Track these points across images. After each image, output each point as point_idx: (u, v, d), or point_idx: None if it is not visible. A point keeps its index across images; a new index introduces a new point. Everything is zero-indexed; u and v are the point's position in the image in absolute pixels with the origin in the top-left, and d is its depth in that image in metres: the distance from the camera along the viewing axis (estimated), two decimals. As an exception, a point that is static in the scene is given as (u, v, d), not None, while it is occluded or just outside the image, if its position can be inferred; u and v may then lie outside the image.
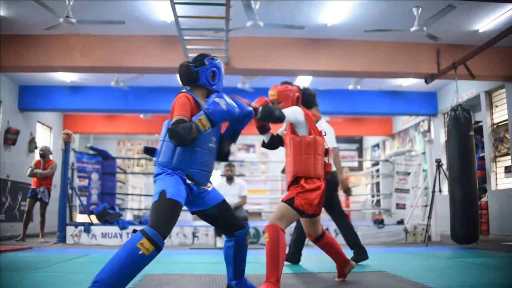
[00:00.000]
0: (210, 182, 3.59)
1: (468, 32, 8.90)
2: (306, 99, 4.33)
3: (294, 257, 6.04)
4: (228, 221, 3.59)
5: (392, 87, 12.58)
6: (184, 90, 3.57)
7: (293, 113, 3.97)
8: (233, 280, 3.61)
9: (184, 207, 3.38)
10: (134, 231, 3.00)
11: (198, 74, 3.58)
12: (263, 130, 4.14)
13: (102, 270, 2.86)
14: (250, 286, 3.65)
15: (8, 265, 5.57)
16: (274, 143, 4.27)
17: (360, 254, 5.86)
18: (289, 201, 3.86)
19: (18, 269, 5.19)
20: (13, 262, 5.96)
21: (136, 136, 19.16)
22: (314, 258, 6.54)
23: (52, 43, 9.05)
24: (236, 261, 3.60)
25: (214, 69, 3.65)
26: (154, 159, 3.43)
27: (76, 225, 9.29)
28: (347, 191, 6.30)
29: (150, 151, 3.57)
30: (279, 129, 4.31)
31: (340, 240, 6.06)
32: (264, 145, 4.30)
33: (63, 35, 8.93)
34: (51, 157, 10.26)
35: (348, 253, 4.95)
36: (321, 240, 4.29)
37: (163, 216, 3.07)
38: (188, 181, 3.33)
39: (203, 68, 3.60)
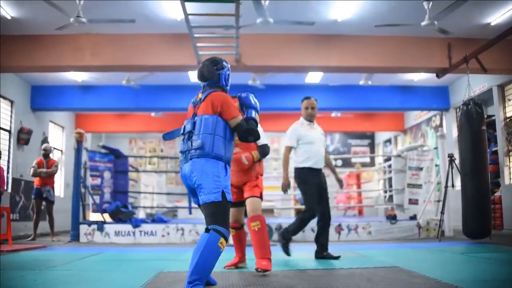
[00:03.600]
0: None
1: (479, 25, 8.83)
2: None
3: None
4: None
5: (403, 82, 12.52)
6: (217, 90, 3.93)
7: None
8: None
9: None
10: (207, 230, 3.43)
11: (219, 76, 4.05)
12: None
13: (193, 270, 3.29)
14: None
15: (23, 264, 5.63)
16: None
17: (284, 245, 5.96)
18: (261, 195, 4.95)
19: (33, 267, 5.23)
20: (27, 260, 6.01)
21: (148, 135, 19.23)
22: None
23: (62, 43, 9.09)
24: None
25: (229, 72, 4.18)
26: (194, 148, 3.61)
27: (90, 223, 9.35)
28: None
29: (170, 134, 4.05)
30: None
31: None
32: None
33: (74, 34, 8.98)
34: (51, 155, 10.25)
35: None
36: (241, 230, 5.15)
37: (227, 217, 3.53)
38: None
39: (223, 71, 4.10)
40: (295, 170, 6.17)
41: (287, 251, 5.94)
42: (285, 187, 6.09)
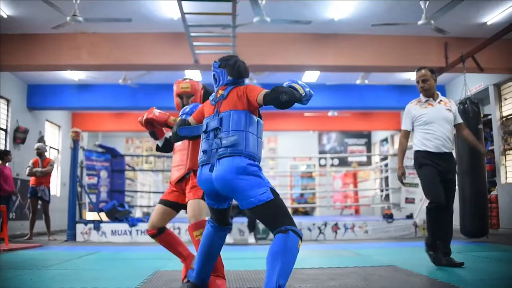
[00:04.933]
0: None
1: (476, 24, 8.84)
2: (206, 96, 4.31)
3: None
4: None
5: (400, 81, 12.53)
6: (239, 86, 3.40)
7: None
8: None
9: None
10: (285, 230, 3.01)
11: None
12: (155, 136, 4.32)
13: (280, 274, 2.88)
14: None
15: (19, 263, 5.61)
16: (169, 145, 4.37)
17: (430, 255, 5.07)
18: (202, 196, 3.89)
19: (29, 266, 5.22)
20: (23, 260, 6.00)
21: (145, 134, 19.13)
22: (320, 254, 6.54)
23: (59, 42, 9.08)
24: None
25: None
26: (224, 146, 3.13)
27: (86, 222, 9.33)
28: None
29: (188, 130, 3.52)
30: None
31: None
32: (158, 149, 4.43)
33: (70, 33, 8.96)
34: (46, 154, 10.23)
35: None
36: (162, 234, 4.16)
37: (289, 214, 3.16)
38: None
39: None
40: (414, 154, 5.31)
41: (434, 261, 4.93)
42: (400, 176, 5.34)
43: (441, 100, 5.14)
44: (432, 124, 5.04)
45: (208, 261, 3.38)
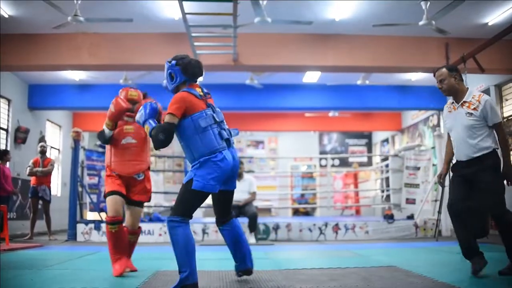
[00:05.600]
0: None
1: (477, 25, 8.84)
2: None
3: None
4: None
5: (400, 81, 12.53)
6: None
7: None
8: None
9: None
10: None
11: None
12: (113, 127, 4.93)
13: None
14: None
15: (20, 263, 5.61)
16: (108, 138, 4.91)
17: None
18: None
19: (29, 266, 5.22)
20: (24, 259, 6.00)
21: (145, 134, 19.17)
22: (320, 254, 6.53)
23: (60, 42, 9.08)
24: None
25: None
26: (232, 136, 3.94)
27: (87, 222, 9.33)
28: None
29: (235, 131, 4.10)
30: None
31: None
32: (104, 140, 4.93)
33: (71, 33, 8.97)
34: (47, 154, 10.24)
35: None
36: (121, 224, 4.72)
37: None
38: None
39: None
40: None
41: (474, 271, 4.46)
42: (440, 178, 5.09)
43: (464, 102, 4.51)
44: (452, 132, 4.69)
45: (195, 255, 3.66)
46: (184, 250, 3.58)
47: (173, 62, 3.93)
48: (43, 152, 9.97)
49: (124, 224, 4.73)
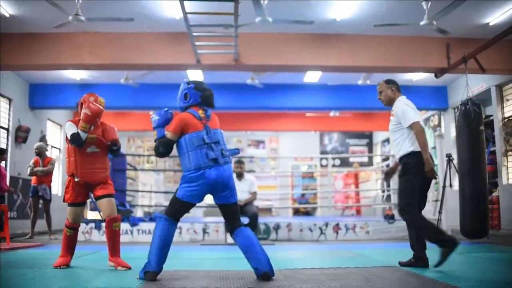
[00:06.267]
0: None
1: (478, 25, 8.83)
2: None
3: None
4: None
5: (401, 81, 12.30)
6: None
7: None
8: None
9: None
10: (243, 225, 4.46)
11: None
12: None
13: (267, 259, 4.30)
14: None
15: (20, 262, 5.63)
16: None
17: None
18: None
19: (30, 265, 5.24)
20: (25, 259, 6.02)
21: (146, 133, 19.20)
22: (321, 254, 6.54)
23: (61, 41, 9.08)
24: None
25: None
26: (227, 156, 4.40)
27: (87, 222, 9.34)
28: None
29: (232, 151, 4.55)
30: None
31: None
32: (80, 142, 5.09)
33: (72, 33, 8.96)
34: (48, 154, 10.23)
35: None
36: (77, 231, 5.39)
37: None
38: None
39: None
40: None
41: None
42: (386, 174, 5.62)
43: (392, 110, 5.32)
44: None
45: (166, 250, 4.27)
46: (157, 241, 4.24)
47: (192, 85, 4.54)
48: (39, 154, 9.96)
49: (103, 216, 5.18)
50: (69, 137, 5.05)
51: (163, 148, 4.33)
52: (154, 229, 4.31)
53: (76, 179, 5.06)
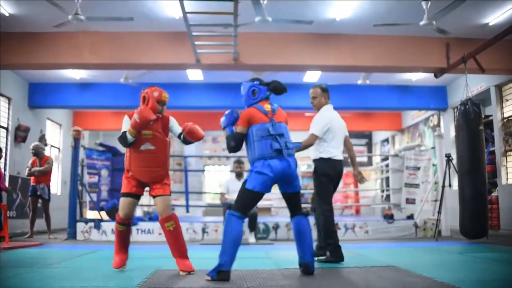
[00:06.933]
0: None
1: (478, 25, 8.84)
2: None
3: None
4: None
5: (401, 81, 12.53)
6: None
7: None
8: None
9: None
10: (303, 214, 4.66)
11: None
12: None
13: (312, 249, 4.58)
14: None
15: (19, 261, 5.62)
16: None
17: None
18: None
19: (29, 265, 5.23)
20: (24, 258, 6.01)
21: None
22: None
23: (61, 41, 9.08)
24: None
25: None
26: (291, 148, 4.54)
27: (86, 221, 9.33)
28: None
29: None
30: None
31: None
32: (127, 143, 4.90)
33: (72, 32, 8.96)
34: (45, 153, 10.22)
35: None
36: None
37: None
38: None
39: None
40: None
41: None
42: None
43: None
44: None
45: (238, 248, 4.22)
46: (231, 240, 4.18)
47: (257, 81, 4.78)
48: (36, 154, 9.95)
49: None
50: (118, 138, 4.87)
51: (233, 142, 4.48)
52: (225, 226, 4.24)
53: (129, 175, 4.87)
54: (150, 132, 4.83)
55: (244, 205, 4.33)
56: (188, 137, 4.95)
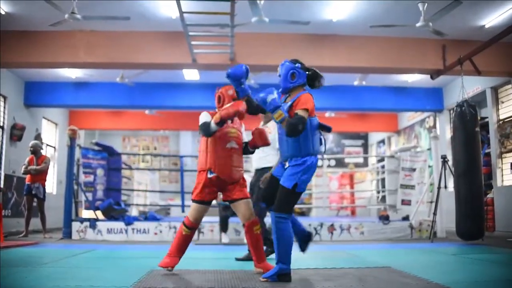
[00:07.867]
0: None
1: (474, 27, 8.86)
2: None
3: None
4: None
5: (397, 83, 12.55)
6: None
7: None
8: None
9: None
10: None
11: None
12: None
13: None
14: None
15: (14, 261, 5.60)
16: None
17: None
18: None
19: (24, 264, 5.21)
20: (19, 257, 5.99)
21: (141, 132, 19.20)
22: (315, 254, 6.53)
23: (57, 40, 9.05)
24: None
25: None
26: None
27: (82, 220, 9.31)
28: None
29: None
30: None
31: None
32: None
33: (68, 31, 8.94)
34: (43, 152, 10.20)
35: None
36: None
37: None
38: None
39: None
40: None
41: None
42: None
43: None
44: None
45: (292, 248, 4.10)
46: (288, 244, 4.03)
47: (298, 64, 4.56)
48: (34, 152, 9.92)
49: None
50: (199, 125, 4.61)
51: (302, 126, 4.11)
52: (277, 230, 4.00)
53: (209, 175, 4.52)
54: (235, 130, 4.74)
55: (291, 207, 4.11)
56: (257, 141, 4.83)
